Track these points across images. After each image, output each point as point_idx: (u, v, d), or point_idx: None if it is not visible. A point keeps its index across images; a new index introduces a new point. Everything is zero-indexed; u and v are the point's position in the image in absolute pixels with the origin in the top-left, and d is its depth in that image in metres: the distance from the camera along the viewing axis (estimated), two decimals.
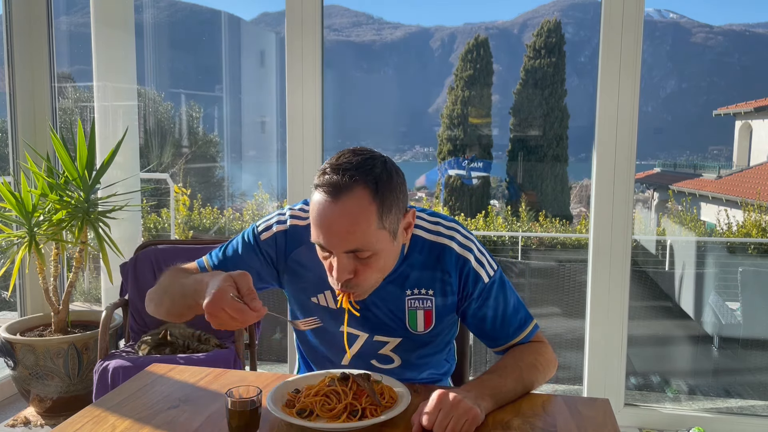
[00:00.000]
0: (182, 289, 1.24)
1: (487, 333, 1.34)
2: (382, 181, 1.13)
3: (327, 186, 1.12)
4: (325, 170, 1.14)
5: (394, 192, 1.16)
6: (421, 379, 1.44)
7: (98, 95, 3.19)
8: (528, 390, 1.27)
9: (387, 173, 1.15)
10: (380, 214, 1.13)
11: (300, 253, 1.32)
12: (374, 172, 1.13)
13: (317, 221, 1.14)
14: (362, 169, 1.13)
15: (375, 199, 1.12)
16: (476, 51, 10.12)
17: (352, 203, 1.11)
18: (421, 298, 1.30)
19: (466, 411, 1.09)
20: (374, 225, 1.13)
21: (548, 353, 1.33)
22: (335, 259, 1.15)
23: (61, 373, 2.69)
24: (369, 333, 1.35)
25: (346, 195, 1.11)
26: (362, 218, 1.12)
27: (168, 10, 8.73)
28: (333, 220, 1.12)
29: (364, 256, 1.15)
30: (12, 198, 2.69)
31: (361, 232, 1.12)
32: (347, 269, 1.15)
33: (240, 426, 1.07)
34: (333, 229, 1.12)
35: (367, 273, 1.18)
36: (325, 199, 1.12)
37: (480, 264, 1.30)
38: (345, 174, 1.11)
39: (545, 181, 9.61)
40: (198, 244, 2.76)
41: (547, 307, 3.75)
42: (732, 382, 3.58)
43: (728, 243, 5.34)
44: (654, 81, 16.02)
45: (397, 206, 1.17)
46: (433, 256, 1.29)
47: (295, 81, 2.77)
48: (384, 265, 1.20)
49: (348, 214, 1.11)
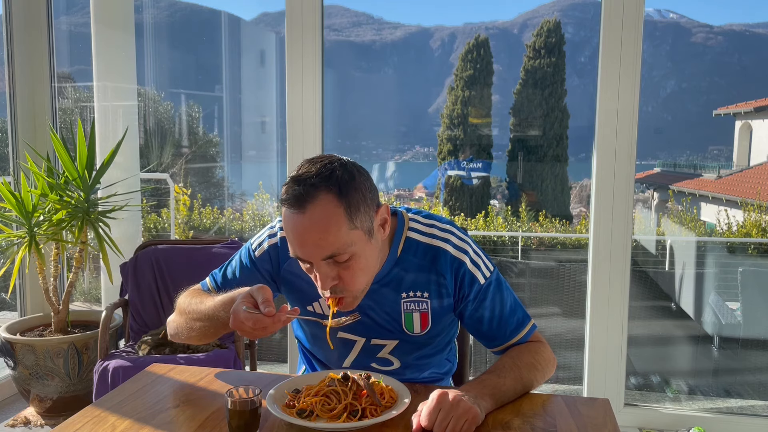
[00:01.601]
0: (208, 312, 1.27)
1: (485, 334, 1.34)
2: (344, 182, 1.14)
3: (291, 199, 1.13)
4: (287, 184, 1.15)
5: (359, 191, 1.16)
6: (422, 378, 1.44)
7: (98, 95, 3.19)
8: (527, 389, 1.27)
9: (348, 174, 1.16)
10: (349, 215, 1.14)
11: (292, 264, 1.33)
12: (335, 175, 1.14)
13: (290, 236, 1.16)
14: (322, 175, 1.13)
15: (341, 201, 1.13)
16: (476, 51, 10.12)
17: (318, 211, 1.12)
18: (417, 301, 1.31)
19: (465, 411, 1.09)
20: (345, 227, 1.14)
21: (547, 353, 1.33)
22: (316, 270, 1.17)
23: (61, 373, 2.69)
24: (365, 337, 1.36)
25: (311, 204, 1.12)
26: (331, 223, 1.12)
27: (168, 10, 8.73)
28: (303, 231, 1.13)
29: (342, 259, 1.16)
30: (12, 198, 2.70)
31: (333, 237, 1.13)
32: (330, 276, 1.17)
33: (240, 426, 1.07)
34: (305, 240, 1.13)
35: (351, 276, 1.18)
36: (292, 212, 1.13)
37: (476, 265, 1.30)
38: (306, 184, 1.13)
39: (545, 181, 9.61)
40: (198, 244, 2.76)
41: (547, 307, 3.75)
42: (732, 382, 3.58)
43: (728, 243, 5.33)
44: (654, 81, 16.01)
45: (365, 204, 1.17)
46: (428, 258, 1.29)
47: (295, 81, 2.77)
48: (366, 265, 1.20)
49: (317, 222, 1.12)
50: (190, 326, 1.33)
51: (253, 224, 6.09)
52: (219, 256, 2.70)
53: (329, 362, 1.43)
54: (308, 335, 1.44)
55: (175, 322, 1.38)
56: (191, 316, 1.32)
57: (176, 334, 1.39)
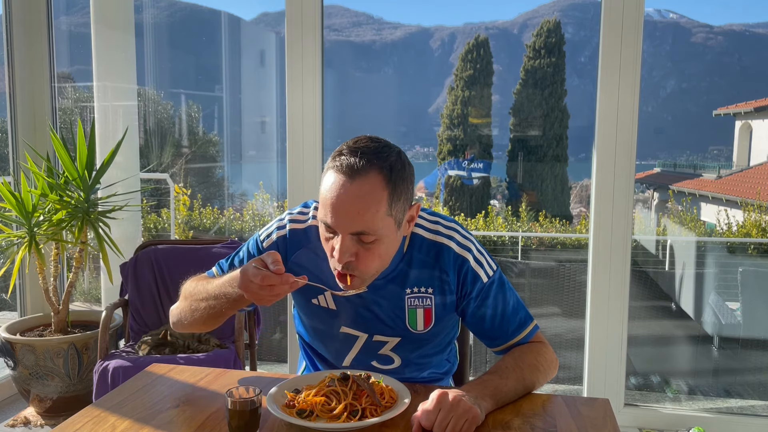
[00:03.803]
0: (214, 290, 1.27)
1: (486, 332, 1.34)
2: (396, 169, 1.16)
3: (345, 166, 1.14)
4: (342, 152, 1.16)
5: (405, 182, 1.19)
6: (422, 378, 1.44)
7: (98, 95, 3.19)
8: (529, 390, 1.27)
9: (401, 163, 1.18)
10: (390, 201, 1.16)
11: (300, 256, 1.33)
12: (390, 159, 1.16)
13: (329, 200, 1.15)
14: (379, 155, 1.16)
15: (388, 185, 1.15)
16: (476, 51, 10.12)
17: (366, 186, 1.13)
18: (421, 297, 1.31)
19: (465, 411, 1.09)
20: (383, 210, 1.15)
21: (549, 354, 1.33)
22: (338, 240, 1.16)
23: (61, 373, 2.69)
24: (368, 333, 1.35)
25: (361, 177, 1.13)
26: (373, 202, 1.14)
27: (168, 10, 8.73)
28: (345, 199, 1.14)
29: (368, 240, 1.16)
30: (12, 198, 2.70)
31: (370, 216, 1.14)
32: (349, 251, 1.16)
33: (240, 426, 1.07)
34: (344, 209, 1.14)
35: (368, 258, 1.18)
36: (340, 179, 1.14)
37: (479, 264, 1.30)
38: (362, 157, 1.14)
39: (545, 181, 9.61)
40: (198, 244, 2.76)
41: (547, 307, 3.75)
42: (732, 382, 3.58)
43: (728, 243, 5.34)
44: (654, 81, 16.01)
45: (406, 196, 1.19)
46: (431, 254, 1.30)
47: (295, 81, 2.77)
48: (385, 253, 1.21)
49: (361, 196, 1.13)
50: (194, 308, 1.32)
51: (253, 224, 6.09)
52: (219, 256, 2.70)
53: (330, 358, 1.43)
54: (310, 330, 1.43)
55: (178, 308, 1.38)
56: (197, 296, 1.32)
57: (178, 321, 1.38)
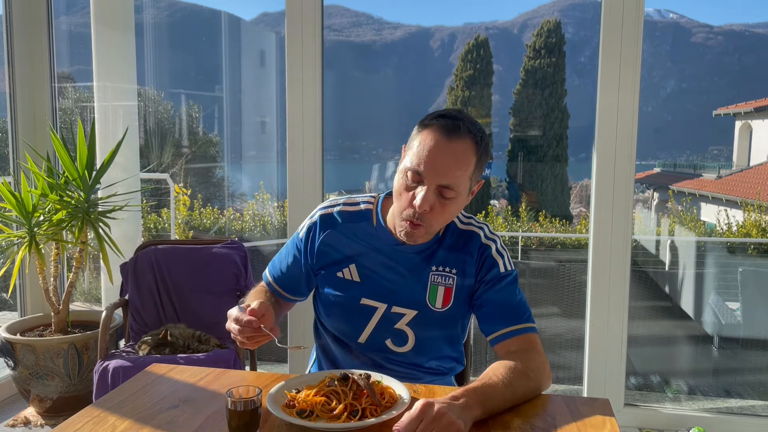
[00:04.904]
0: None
1: (485, 314, 1.39)
2: (484, 143, 1.33)
3: (445, 125, 1.28)
4: (440, 113, 1.31)
5: (487, 156, 1.35)
6: (428, 366, 1.46)
7: (98, 95, 3.19)
8: (519, 401, 1.24)
9: (486, 139, 1.34)
10: (475, 167, 1.31)
11: (329, 235, 1.45)
12: (481, 132, 1.32)
13: (424, 151, 1.27)
14: (474, 125, 1.32)
15: (476, 153, 1.30)
16: (476, 51, 10.11)
17: (461, 146, 1.28)
18: (444, 275, 1.40)
19: (448, 424, 1.05)
20: (468, 172, 1.30)
21: (543, 364, 1.31)
22: (422, 190, 1.27)
23: (61, 373, 2.69)
24: (387, 303, 1.41)
25: (459, 138, 1.28)
26: (464, 162, 1.28)
27: (168, 10, 8.72)
28: (440, 154, 1.27)
29: (448, 195, 1.29)
30: (12, 198, 2.70)
31: (459, 173, 1.28)
32: (430, 202, 1.28)
33: (240, 426, 1.07)
34: (438, 162, 1.27)
35: (441, 212, 1.30)
36: (440, 134, 1.28)
37: (500, 254, 1.42)
38: (462, 122, 1.29)
39: (545, 181, 9.61)
40: (198, 244, 2.76)
41: (547, 307, 3.75)
42: (732, 382, 3.58)
43: (728, 243, 5.33)
44: (654, 81, 16.01)
45: (481, 169, 1.35)
46: (461, 240, 1.42)
47: (295, 81, 2.77)
48: (454, 212, 1.35)
49: (456, 153, 1.27)
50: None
51: (253, 224, 6.09)
52: (219, 256, 2.70)
53: (346, 337, 1.46)
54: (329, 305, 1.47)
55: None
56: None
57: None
